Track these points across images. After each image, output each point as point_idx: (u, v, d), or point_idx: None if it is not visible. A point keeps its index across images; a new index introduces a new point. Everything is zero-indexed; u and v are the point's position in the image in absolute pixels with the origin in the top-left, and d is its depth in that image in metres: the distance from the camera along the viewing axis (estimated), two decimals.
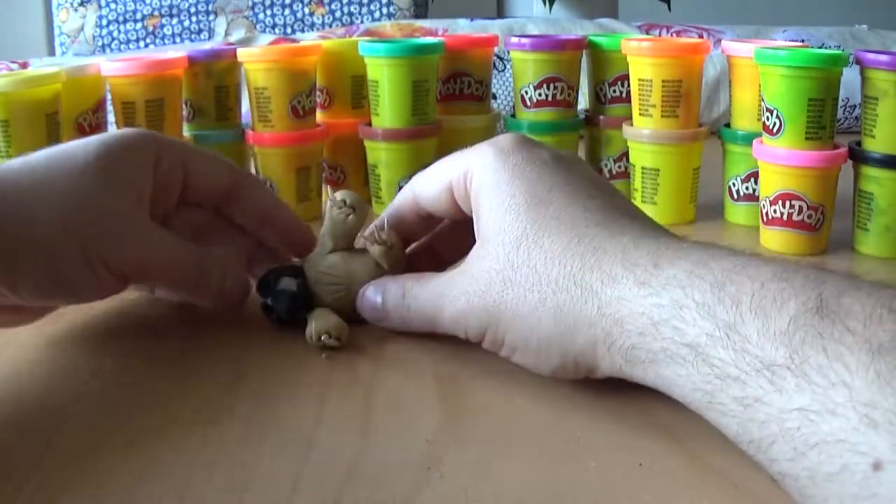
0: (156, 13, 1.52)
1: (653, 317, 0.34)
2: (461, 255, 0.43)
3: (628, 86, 0.69)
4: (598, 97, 0.73)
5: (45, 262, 0.40)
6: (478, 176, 0.41)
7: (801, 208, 0.59)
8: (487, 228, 0.40)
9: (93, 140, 0.43)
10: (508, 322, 0.39)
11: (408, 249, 0.47)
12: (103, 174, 0.42)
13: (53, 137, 0.61)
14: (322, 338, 0.43)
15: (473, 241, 0.41)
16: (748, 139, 0.63)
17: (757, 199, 0.65)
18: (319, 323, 0.44)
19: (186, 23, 1.52)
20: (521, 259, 0.38)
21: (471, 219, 0.42)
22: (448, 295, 0.41)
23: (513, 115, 0.73)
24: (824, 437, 0.28)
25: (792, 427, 0.29)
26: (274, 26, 1.53)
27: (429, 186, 0.45)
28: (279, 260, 0.49)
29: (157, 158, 0.44)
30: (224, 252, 0.47)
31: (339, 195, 0.46)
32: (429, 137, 0.69)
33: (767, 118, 0.60)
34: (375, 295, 0.45)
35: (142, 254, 0.43)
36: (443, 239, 0.48)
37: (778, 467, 0.29)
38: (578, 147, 0.74)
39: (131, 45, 1.52)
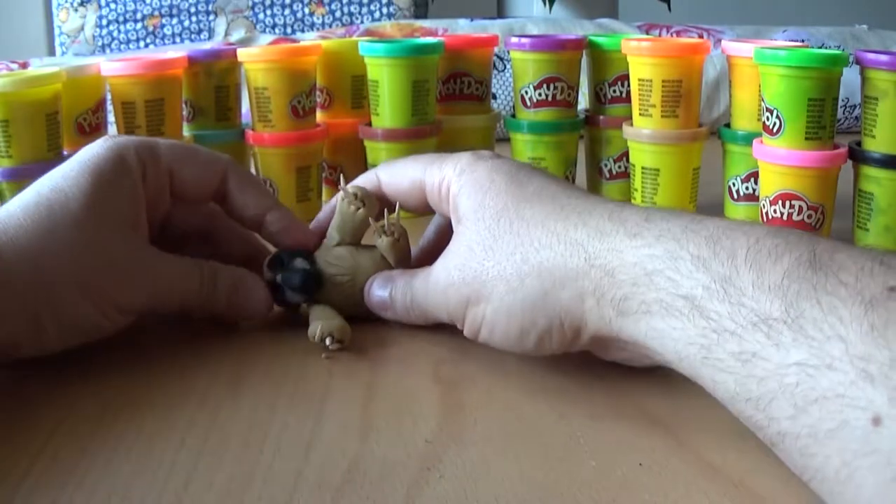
0: (156, 13, 1.52)
1: (646, 267, 0.34)
2: None
3: (628, 86, 0.69)
4: (598, 97, 0.73)
5: (66, 318, 0.40)
6: (456, 180, 0.42)
7: (800, 208, 0.59)
8: (467, 211, 0.41)
9: (79, 171, 0.42)
10: (490, 291, 0.38)
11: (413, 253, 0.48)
12: (96, 209, 0.41)
13: (53, 137, 0.61)
14: (326, 340, 0.43)
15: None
16: (748, 139, 0.63)
17: (757, 199, 0.65)
18: (324, 324, 0.44)
19: (186, 23, 1.52)
20: (503, 228, 0.38)
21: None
22: (433, 274, 0.42)
23: (513, 115, 0.73)
24: (823, 393, 0.27)
25: (791, 383, 0.28)
26: (274, 26, 1.53)
27: (398, 183, 0.46)
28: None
29: (143, 172, 0.44)
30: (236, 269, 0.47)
31: (350, 188, 0.46)
32: (429, 137, 0.69)
33: (767, 118, 0.60)
34: (384, 288, 0.45)
35: (149, 291, 0.43)
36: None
37: (777, 426, 0.29)
38: (578, 147, 0.74)
39: (131, 45, 1.52)
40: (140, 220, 0.44)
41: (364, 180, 0.47)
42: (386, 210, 0.46)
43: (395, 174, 0.46)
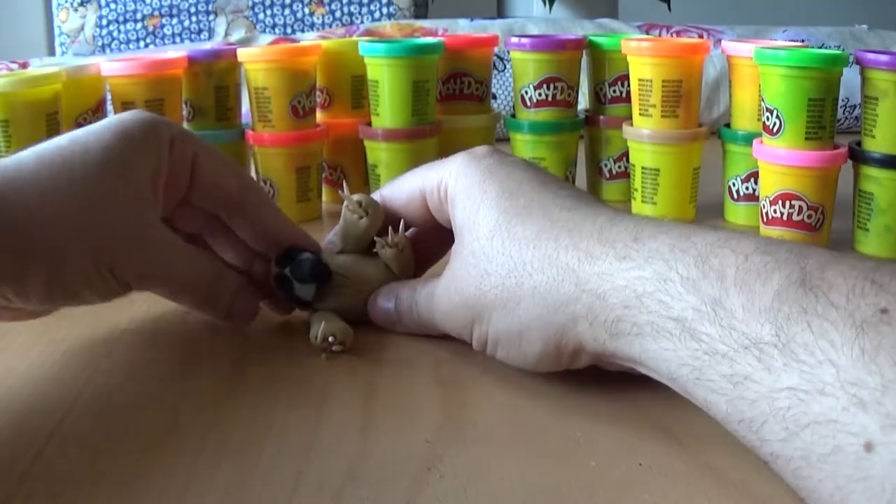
0: (156, 13, 1.52)
1: (636, 289, 0.34)
2: (438, 255, 0.47)
3: (628, 86, 0.69)
4: (598, 97, 0.73)
5: (55, 269, 0.39)
6: (452, 183, 0.42)
7: (800, 208, 0.59)
8: (462, 227, 0.41)
9: (106, 128, 0.42)
10: (490, 313, 0.39)
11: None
12: (118, 168, 0.41)
13: (53, 137, 0.60)
14: (329, 339, 0.43)
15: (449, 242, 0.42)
16: (748, 139, 0.63)
17: (757, 199, 0.65)
18: (326, 326, 0.43)
19: (186, 23, 1.52)
20: (496, 249, 0.39)
21: (441, 225, 0.43)
22: (436, 296, 0.42)
23: (513, 115, 0.73)
24: (815, 418, 0.27)
25: (783, 407, 0.28)
26: (274, 26, 1.53)
27: (399, 195, 0.45)
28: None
29: (171, 144, 0.43)
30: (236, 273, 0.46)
31: (355, 197, 0.46)
32: (429, 137, 0.69)
33: (767, 118, 0.60)
34: (388, 301, 0.45)
35: (151, 266, 0.42)
36: (421, 240, 0.48)
37: (770, 448, 0.29)
38: (578, 147, 0.74)
39: (131, 45, 1.52)
40: (158, 192, 0.43)
41: None
42: (390, 228, 0.46)
43: (393, 189, 0.46)
